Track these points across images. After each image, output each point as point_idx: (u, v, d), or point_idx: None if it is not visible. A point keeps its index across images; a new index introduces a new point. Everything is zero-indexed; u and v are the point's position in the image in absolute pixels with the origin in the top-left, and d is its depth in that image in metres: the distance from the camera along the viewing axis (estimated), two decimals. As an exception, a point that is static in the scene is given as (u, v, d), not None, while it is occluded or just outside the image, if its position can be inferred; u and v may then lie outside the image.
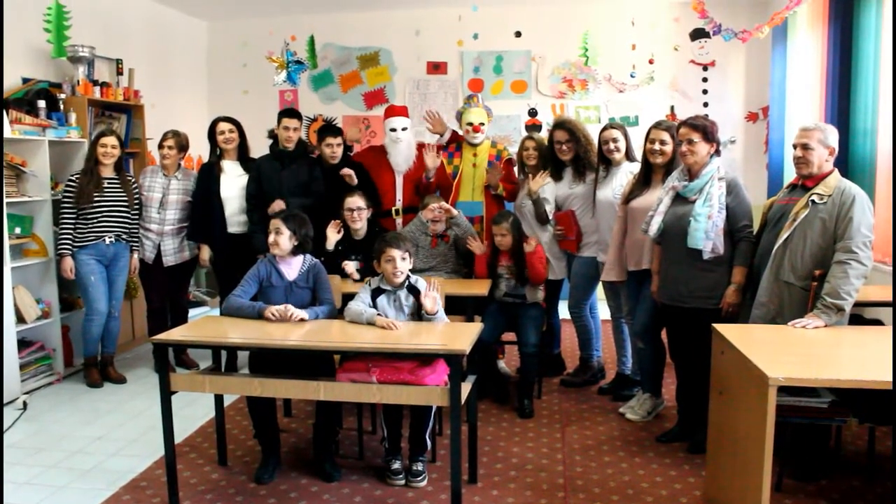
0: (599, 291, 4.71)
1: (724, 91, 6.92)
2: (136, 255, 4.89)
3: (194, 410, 4.29)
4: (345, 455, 3.74)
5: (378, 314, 3.36)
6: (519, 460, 3.66)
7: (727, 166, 6.71)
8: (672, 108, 6.94)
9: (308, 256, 3.71)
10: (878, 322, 4.25)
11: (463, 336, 3.09)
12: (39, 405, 4.51)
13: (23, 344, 4.71)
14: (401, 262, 3.45)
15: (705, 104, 6.93)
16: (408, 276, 3.55)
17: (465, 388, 3.16)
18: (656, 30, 6.79)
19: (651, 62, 6.82)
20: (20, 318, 4.62)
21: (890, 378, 2.47)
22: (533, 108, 7.10)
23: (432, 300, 3.41)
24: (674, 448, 3.77)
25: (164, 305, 5.10)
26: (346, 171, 4.73)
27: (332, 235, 4.39)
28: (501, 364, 5.00)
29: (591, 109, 7.05)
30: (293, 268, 3.65)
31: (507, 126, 7.09)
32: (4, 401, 4.41)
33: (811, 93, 5.63)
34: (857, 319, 4.30)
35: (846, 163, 5.07)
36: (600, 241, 4.48)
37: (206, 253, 5.06)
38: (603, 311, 4.80)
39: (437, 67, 7.20)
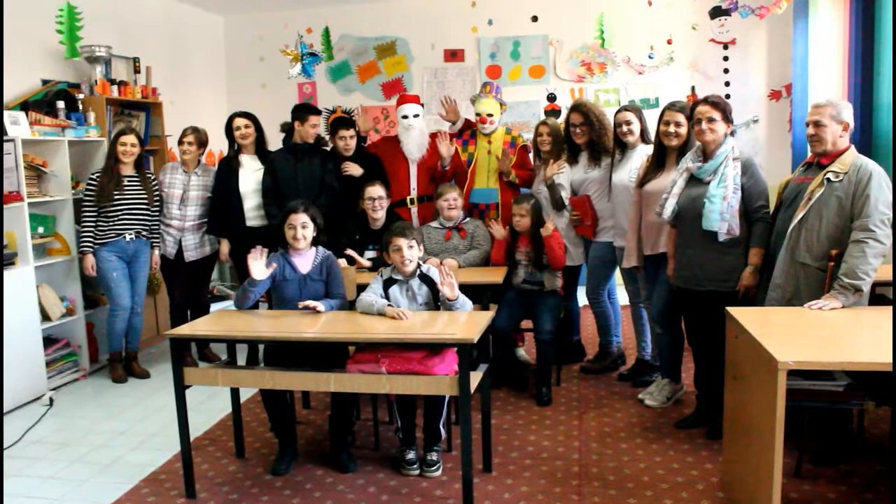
0: (619, 276, 4.66)
1: (746, 69, 6.78)
2: (156, 252, 4.95)
3: (215, 403, 4.34)
4: (361, 446, 3.76)
5: (389, 304, 3.36)
6: (535, 448, 3.64)
7: (750, 146, 6.71)
8: (693, 88, 6.81)
9: (321, 249, 3.72)
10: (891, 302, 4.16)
11: (472, 325, 3.08)
12: (65, 401, 4.59)
13: (49, 341, 4.80)
14: (408, 251, 3.44)
15: (727, 83, 6.80)
16: (419, 265, 3.54)
17: (476, 377, 3.15)
18: (673, 9, 6.67)
19: (669, 42, 6.70)
20: (45, 316, 4.70)
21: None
22: (552, 93, 7.03)
23: (450, 286, 3.37)
24: (692, 434, 3.73)
25: (186, 300, 5.15)
26: (347, 166, 4.80)
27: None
28: (521, 352, 4.98)
29: (611, 92, 6.96)
30: (306, 260, 3.66)
31: (527, 112, 7.03)
32: (31, 397, 4.51)
33: (834, 69, 5.50)
34: (880, 300, 4.22)
35: (870, 138, 4.96)
36: (617, 225, 4.42)
37: (225, 247, 5.11)
38: (622, 296, 4.75)
39: (454, 55, 7.16)
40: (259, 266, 3.45)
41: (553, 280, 4.40)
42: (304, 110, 4.87)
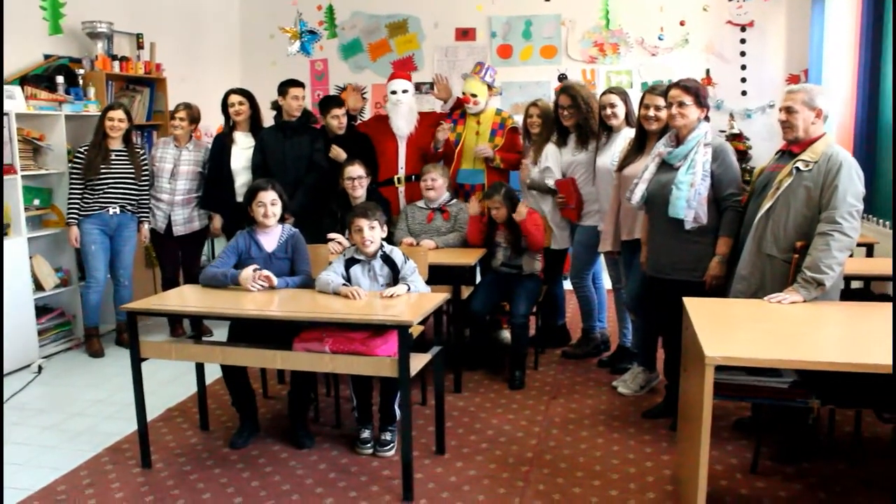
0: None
1: (764, 53, 6.55)
2: (145, 226, 5.01)
3: (194, 377, 4.40)
4: (324, 423, 3.79)
5: (344, 284, 3.36)
6: (494, 432, 3.62)
7: (766, 131, 6.51)
8: (707, 71, 6.63)
9: (286, 226, 3.74)
10: (887, 298, 4.01)
11: (417, 307, 3.07)
12: (55, 369, 4.71)
13: (43, 310, 4.93)
14: (369, 232, 3.43)
15: (743, 66, 6.59)
16: (381, 246, 3.53)
17: (422, 359, 3.14)
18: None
19: (682, 24, 6.53)
20: (38, 286, 4.82)
21: (845, 359, 2.34)
22: (563, 74, 6.89)
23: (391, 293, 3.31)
24: (658, 424, 3.67)
25: (176, 274, 5.23)
26: (333, 150, 4.82)
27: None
28: (505, 334, 4.94)
29: (623, 74, 6.80)
30: (272, 238, 3.68)
31: (537, 92, 6.88)
32: (22, 365, 4.63)
33: (846, 54, 5.30)
34: (864, 294, 4.09)
35: (876, 128, 4.78)
36: (602, 209, 4.35)
37: (217, 222, 5.19)
38: (609, 281, 4.67)
39: (465, 34, 7.07)
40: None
41: (532, 263, 4.36)
42: (285, 84, 4.90)
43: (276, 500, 3.02)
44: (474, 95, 4.74)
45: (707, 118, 3.54)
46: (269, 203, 3.62)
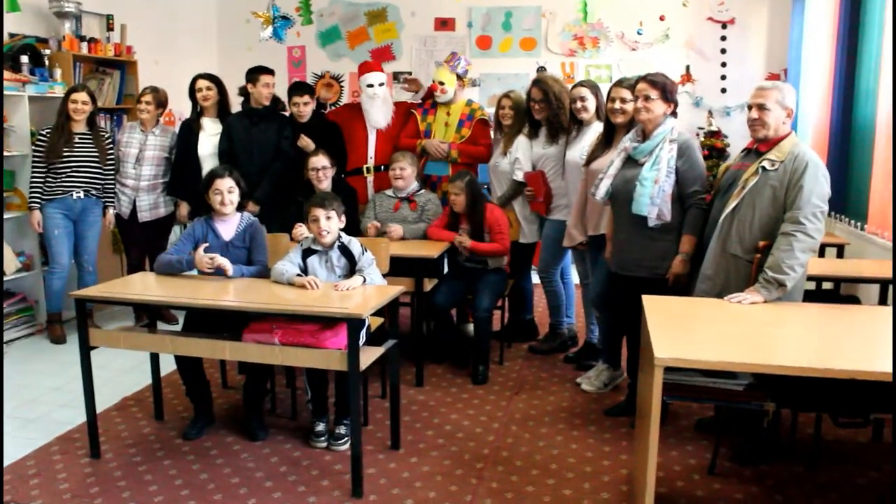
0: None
1: (745, 50, 6.51)
2: (110, 211, 4.92)
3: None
4: (280, 414, 3.74)
5: (298, 274, 3.30)
6: (453, 427, 3.57)
7: (745, 130, 6.44)
8: (688, 67, 6.58)
9: (245, 215, 3.67)
10: (853, 300, 3.99)
11: (369, 300, 3.01)
12: (15, 355, 4.63)
13: (5, 295, 4.83)
14: (325, 222, 3.35)
15: (723, 64, 6.55)
16: (339, 237, 3.46)
17: (373, 352, 3.08)
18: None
19: (662, 19, 6.47)
20: (-1, 270, 4.74)
21: (800, 363, 2.28)
22: (542, 67, 6.83)
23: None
24: (619, 423, 3.62)
25: (142, 260, 5.14)
26: (303, 140, 4.72)
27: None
28: (472, 328, 4.88)
29: (603, 68, 6.75)
30: (230, 227, 3.60)
31: (516, 84, 6.76)
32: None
33: (823, 53, 5.26)
34: (832, 296, 4.06)
35: (850, 125, 4.75)
36: (570, 204, 4.29)
37: (184, 209, 5.09)
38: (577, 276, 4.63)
39: (444, 24, 7.00)
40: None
41: (497, 259, 4.30)
42: (255, 71, 4.81)
43: (223, 494, 2.97)
44: (441, 84, 4.67)
45: (675, 114, 3.48)
46: (227, 191, 3.54)
